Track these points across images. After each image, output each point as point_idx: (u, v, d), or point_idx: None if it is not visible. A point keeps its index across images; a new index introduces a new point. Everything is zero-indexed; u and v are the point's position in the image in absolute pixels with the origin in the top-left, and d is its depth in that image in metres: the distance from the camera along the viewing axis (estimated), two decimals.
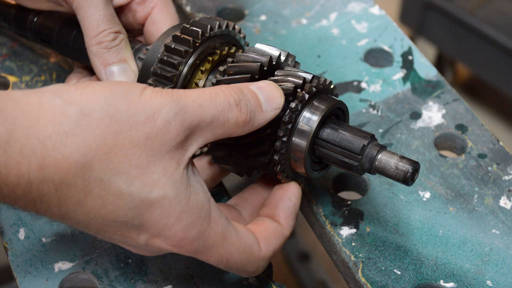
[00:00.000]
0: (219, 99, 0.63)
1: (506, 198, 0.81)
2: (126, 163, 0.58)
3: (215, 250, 0.64)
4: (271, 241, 0.69)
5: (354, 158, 0.69)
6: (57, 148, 0.55)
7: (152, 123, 0.59)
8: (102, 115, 0.57)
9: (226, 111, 0.63)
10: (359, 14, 1.01)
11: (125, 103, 0.59)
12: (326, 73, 0.94)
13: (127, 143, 0.58)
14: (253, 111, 0.65)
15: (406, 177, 0.67)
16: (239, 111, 0.64)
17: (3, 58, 0.95)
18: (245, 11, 1.02)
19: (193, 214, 0.62)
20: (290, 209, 0.72)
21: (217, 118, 0.63)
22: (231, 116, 0.64)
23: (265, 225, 0.70)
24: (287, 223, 0.71)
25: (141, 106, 0.59)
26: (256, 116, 0.66)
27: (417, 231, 0.79)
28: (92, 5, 0.76)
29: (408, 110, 0.90)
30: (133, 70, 0.78)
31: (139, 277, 0.75)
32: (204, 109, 0.62)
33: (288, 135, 0.69)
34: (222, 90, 0.64)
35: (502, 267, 0.76)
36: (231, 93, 0.64)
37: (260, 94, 0.67)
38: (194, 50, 0.74)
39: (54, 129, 0.55)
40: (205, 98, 0.63)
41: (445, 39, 2.10)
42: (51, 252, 0.76)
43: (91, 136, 0.57)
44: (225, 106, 0.63)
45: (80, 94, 0.58)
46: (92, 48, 0.77)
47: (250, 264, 0.67)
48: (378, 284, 0.74)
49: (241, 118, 0.64)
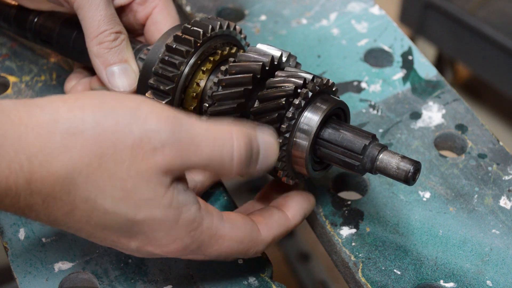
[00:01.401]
0: (224, 148, 0.60)
1: (506, 198, 0.81)
2: (110, 185, 0.58)
3: (211, 249, 0.65)
4: (272, 226, 0.69)
5: (355, 158, 0.69)
6: (43, 165, 0.56)
7: (140, 148, 0.58)
8: (88, 136, 0.57)
9: (225, 162, 0.61)
10: (359, 14, 1.01)
11: (113, 124, 0.58)
12: (326, 73, 0.94)
13: (112, 166, 0.58)
14: (248, 167, 0.63)
15: (407, 177, 0.67)
16: (239, 168, 0.62)
17: (3, 58, 0.95)
18: (245, 11, 1.02)
19: (184, 229, 0.62)
20: (301, 206, 0.73)
21: (211, 165, 0.60)
22: (227, 166, 0.61)
23: (270, 212, 0.71)
24: (294, 216, 0.72)
25: (130, 129, 0.58)
26: (248, 171, 0.63)
27: (417, 231, 0.79)
28: (93, 5, 0.76)
29: (408, 110, 0.90)
30: (134, 70, 0.78)
31: (139, 277, 0.75)
32: (201, 150, 0.59)
33: (291, 131, 0.69)
34: (231, 136, 0.61)
35: (502, 267, 0.76)
36: (241, 146, 0.61)
37: (262, 152, 0.64)
38: (196, 50, 0.74)
39: (40, 147, 0.56)
40: (208, 140, 0.60)
41: (445, 39, 2.10)
42: (51, 252, 0.76)
43: (76, 156, 0.57)
44: (227, 157, 0.60)
45: (68, 111, 0.57)
46: (93, 48, 0.77)
47: (250, 250, 0.68)
48: (378, 284, 0.74)
49: (235, 172, 0.62)
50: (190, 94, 0.75)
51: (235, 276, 0.75)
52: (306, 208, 0.74)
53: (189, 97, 0.75)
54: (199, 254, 0.65)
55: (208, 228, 0.64)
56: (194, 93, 0.75)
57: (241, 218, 0.68)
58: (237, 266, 0.76)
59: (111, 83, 0.78)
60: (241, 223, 0.67)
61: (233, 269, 0.76)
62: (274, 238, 0.70)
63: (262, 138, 0.64)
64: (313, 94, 0.70)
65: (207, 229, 0.64)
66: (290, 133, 0.69)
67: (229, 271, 0.75)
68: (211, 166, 0.61)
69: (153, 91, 0.74)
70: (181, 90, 0.74)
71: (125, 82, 0.78)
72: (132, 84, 0.78)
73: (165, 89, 0.73)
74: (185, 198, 0.62)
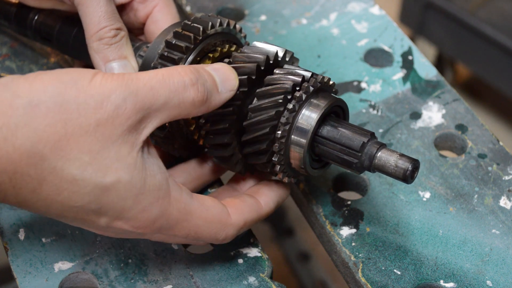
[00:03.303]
0: (173, 79, 0.63)
1: (506, 198, 0.81)
2: (77, 150, 0.59)
3: (180, 226, 0.66)
4: (243, 211, 0.70)
5: (353, 155, 0.69)
6: (8, 140, 0.57)
7: (102, 109, 0.60)
8: (50, 104, 0.58)
9: (180, 92, 0.63)
10: (359, 14, 1.01)
11: (74, 91, 0.59)
12: (326, 73, 0.94)
13: (77, 130, 0.59)
14: (210, 91, 0.66)
15: (405, 175, 0.67)
16: (196, 91, 0.64)
17: (3, 58, 0.95)
18: (245, 11, 1.02)
19: (151, 196, 0.63)
20: (275, 193, 0.73)
21: (171, 99, 0.63)
22: (186, 96, 0.64)
23: (242, 198, 0.71)
24: (266, 204, 0.73)
25: (90, 93, 0.60)
26: (213, 97, 0.66)
27: (417, 231, 0.79)
28: (94, 2, 0.76)
29: (408, 110, 0.90)
30: (133, 66, 0.79)
31: (139, 277, 0.75)
32: (156, 91, 0.62)
33: (287, 135, 0.69)
34: (177, 70, 0.64)
35: (502, 267, 0.76)
36: (187, 73, 0.64)
37: (216, 75, 0.67)
38: (195, 46, 0.74)
39: (4, 122, 0.57)
40: (157, 80, 0.63)
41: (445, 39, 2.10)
42: (51, 252, 0.76)
43: (41, 126, 0.58)
44: (180, 86, 0.63)
45: (29, 86, 0.59)
46: (93, 44, 0.77)
47: (220, 232, 0.68)
48: (378, 284, 0.74)
49: (197, 98, 0.65)
50: None
51: (235, 276, 0.75)
52: (280, 196, 0.74)
53: None
54: (168, 233, 0.66)
55: (176, 200, 0.65)
56: None
57: (211, 199, 0.68)
58: (237, 266, 0.76)
59: None
60: (211, 204, 0.68)
61: (233, 269, 0.76)
62: (245, 223, 0.70)
63: (210, 66, 0.67)
64: (312, 91, 0.70)
65: (175, 200, 0.65)
66: (288, 130, 0.69)
67: (229, 271, 0.75)
68: (171, 104, 0.63)
69: None
70: None
71: None
72: None
73: None
74: (150, 163, 0.64)
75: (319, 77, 0.71)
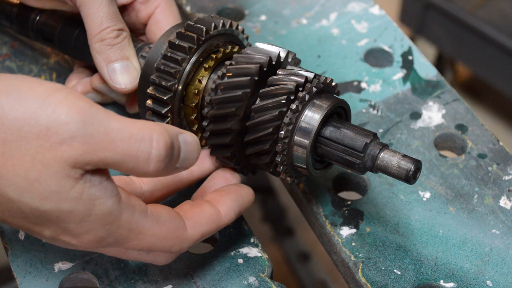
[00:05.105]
0: (141, 147, 0.57)
1: (506, 198, 0.81)
2: (13, 173, 0.56)
3: (130, 243, 0.63)
4: (201, 224, 0.67)
5: (356, 156, 0.69)
6: None
7: (46, 138, 0.55)
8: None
9: (140, 161, 0.57)
10: (359, 14, 1.01)
11: (20, 110, 0.55)
12: (326, 73, 0.94)
13: (15, 153, 0.55)
14: (167, 166, 0.60)
15: (408, 176, 0.67)
16: (156, 166, 0.58)
17: (3, 58, 0.95)
18: (245, 11, 1.02)
19: (97, 221, 0.59)
20: (236, 203, 0.70)
21: (125, 162, 0.57)
22: (143, 166, 0.58)
23: (202, 208, 0.68)
24: (227, 213, 0.69)
25: (37, 117, 0.55)
26: (166, 170, 0.60)
27: (417, 231, 0.79)
28: (96, 2, 0.76)
29: (408, 110, 0.90)
30: (135, 67, 0.79)
31: (139, 277, 0.75)
32: (115, 146, 0.56)
33: (290, 136, 0.69)
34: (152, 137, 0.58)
35: (502, 267, 0.76)
36: (161, 146, 0.58)
37: (183, 151, 0.61)
38: (198, 47, 0.74)
39: None
40: (122, 137, 0.56)
41: (445, 39, 2.10)
42: (51, 252, 0.76)
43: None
44: (143, 156, 0.57)
45: None
46: (95, 45, 0.77)
47: (174, 246, 0.65)
48: (378, 284, 0.74)
49: (153, 171, 0.59)
50: (191, 91, 0.75)
51: (235, 276, 0.75)
52: (242, 205, 0.71)
53: (190, 94, 0.75)
54: (118, 248, 0.63)
55: (127, 222, 0.61)
56: (196, 90, 0.75)
57: (168, 213, 0.65)
58: (237, 266, 0.76)
59: (113, 80, 0.78)
60: (167, 219, 0.64)
61: (233, 269, 0.76)
62: (202, 236, 0.67)
63: (183, 137, 0.61)
64: (315, 92, 0.70)
65: (126, 222, 0.61)
66: (291, 131, 0.69)
67: (229, 271, 0.75)
68: (125, 163, 0.57)
69: (155, 87, 0.74)
70: (182, 87, 0.74)
71: (127, 79, 0.78)
72: (134, 81, 0.78)
73: (167, 85, 0.73)
74: (100, 191, 0.59)
75: (321, 78, 0.71)
